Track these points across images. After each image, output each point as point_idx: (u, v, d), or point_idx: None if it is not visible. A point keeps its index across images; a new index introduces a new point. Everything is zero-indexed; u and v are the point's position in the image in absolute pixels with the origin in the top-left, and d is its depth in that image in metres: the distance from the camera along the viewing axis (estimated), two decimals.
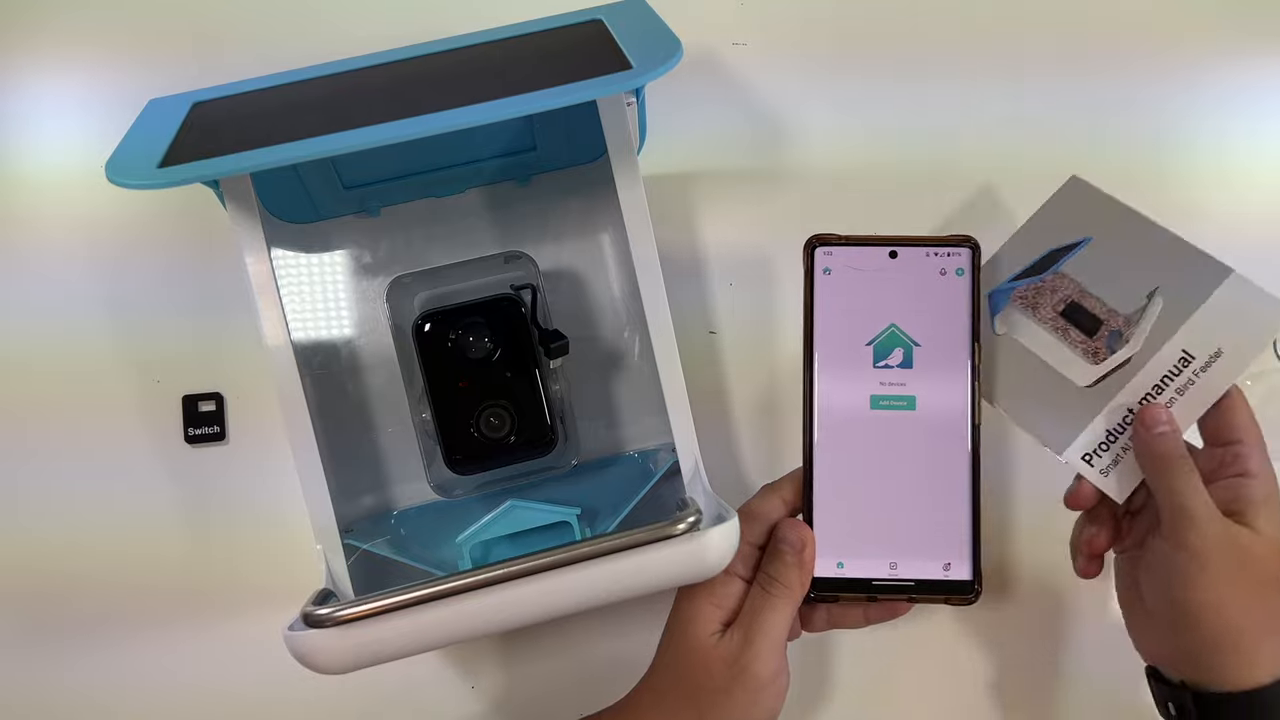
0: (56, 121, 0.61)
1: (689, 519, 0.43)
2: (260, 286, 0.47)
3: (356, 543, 0.50)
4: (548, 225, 0.58)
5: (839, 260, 0.50)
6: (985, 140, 0.61)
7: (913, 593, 0.49)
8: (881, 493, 0.50)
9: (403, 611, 0.42)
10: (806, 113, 0.61)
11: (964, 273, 0.50)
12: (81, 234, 0.60)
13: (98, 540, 0.58)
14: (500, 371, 0.53)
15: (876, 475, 0.50)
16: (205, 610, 0.58)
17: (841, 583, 0.49)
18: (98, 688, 0.58)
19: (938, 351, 0.50)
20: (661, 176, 0.60)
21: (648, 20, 0.49)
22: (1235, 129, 0.61)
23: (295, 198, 0.55)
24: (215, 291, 0.59)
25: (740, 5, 0.62)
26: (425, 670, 0.58)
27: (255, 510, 0.58)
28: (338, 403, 0.56)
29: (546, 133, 0.55)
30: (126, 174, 0.42)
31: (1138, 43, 0.62)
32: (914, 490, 0.49)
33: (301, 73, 0.52)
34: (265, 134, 0.44)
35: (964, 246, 0.50)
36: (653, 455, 0.56)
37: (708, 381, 0.60)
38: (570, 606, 0.44)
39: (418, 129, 0.41)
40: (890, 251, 0.50)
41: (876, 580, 0.49)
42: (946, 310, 0.50)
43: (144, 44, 0.61)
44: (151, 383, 0.59)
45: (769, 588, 0.47)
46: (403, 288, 0.55)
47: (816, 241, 0.50)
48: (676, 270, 0.60)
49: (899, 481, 0.50)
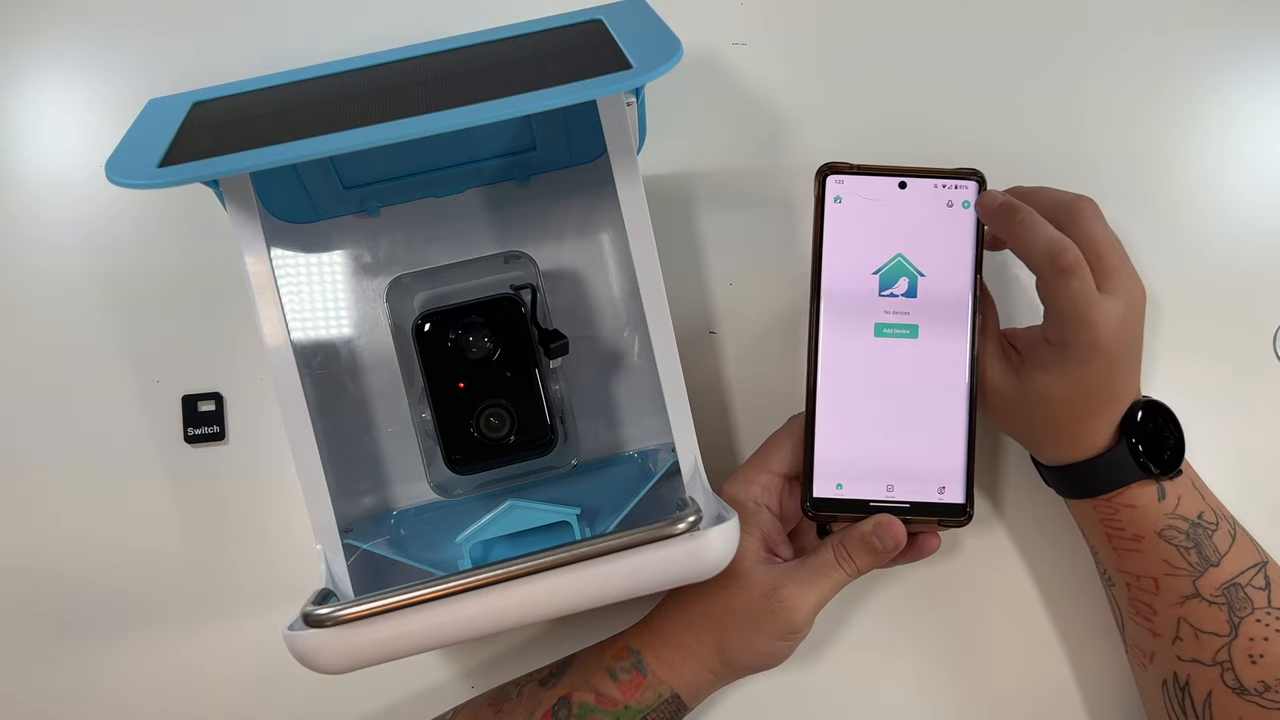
0: (56, 121, 0.61)
1: (689, 519, 0.43)
2: (260, 286, 0.47)
3: (356, 543, 0.50)
4: (548, 225, 0.58)
5: (849, 189, 0.52)
6: (986, 140, 0.61)
7: (908, 514, 0.51)
8: (882, 417, 0.51)
9: (403, 611, 0.42)
10: (806, 112, 0.61)
11: (970, 205, 0.51)
12: (81, 234, 0.60)
13: (98, 540, 0.58)
14: (500, 371, 0.53)
15: (878, 400, 0.51)
16: (205, 610, 0.58)
17: (840, 503, 0.51)
18: (98, 688, 0.58)
19: (941, 282, 0.51)
20: (661, 176, 0.60)
21: (648, 20, 0.49)
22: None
23: (295, 198, 0.55)
24: (215, 292, 0.59)
25: (740, 5, 0.62)
26: (425, 670, 0.58)
27: (255, 510, 0.58)
28: (338, 403, 0.56)
29: (546, 133, 0.55)
30: (126, 174, 0.42)
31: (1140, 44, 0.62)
32: (913, 416, 0.51)
33: (301, 73, 0.52)
34: (265, 134, 0.44)
35: (971, 179, 0.52)
36: (653, 455, 0.56)
37: (708, 381, 0.60)
38: (570, 606, 0.44)
39: (418, 129, 0.41)
40: (900, 182, 0.52)
41: (874, 501, 0.51)
42: (951, 241, 0.51)
43: (144, 44, 0.61)
44: (151, 383, 0.59)
45: (841, 559, 0.50)
46: (402, 288, 0.55)
47: (828, 170, 0.52)
48: (676, 270, 0.60)
49: (899, 407, 0.51)
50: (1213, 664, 0.49)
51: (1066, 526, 0.57)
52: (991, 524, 0.59)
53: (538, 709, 0.50)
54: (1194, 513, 0.50)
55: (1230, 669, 0.48)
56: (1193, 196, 0.61)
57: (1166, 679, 0.50)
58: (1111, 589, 0.53)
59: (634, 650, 0.51)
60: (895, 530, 0.49)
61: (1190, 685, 0.49)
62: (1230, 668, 0.48)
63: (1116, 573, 0.52)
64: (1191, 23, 0.62)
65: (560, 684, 0.51)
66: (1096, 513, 0.51)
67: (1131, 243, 0.49)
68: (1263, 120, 0.61)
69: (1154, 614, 0.50)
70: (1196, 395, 0.58)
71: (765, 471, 0.52)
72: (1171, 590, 0.49)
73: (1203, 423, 0.58)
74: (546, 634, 0.58)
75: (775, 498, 0.52)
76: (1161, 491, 0.50)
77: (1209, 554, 0.49)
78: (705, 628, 0.50)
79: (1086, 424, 0.50)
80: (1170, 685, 0.50)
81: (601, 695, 0.50)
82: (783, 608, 0.48)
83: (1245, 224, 0.60)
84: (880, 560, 0.50)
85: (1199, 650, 0.49)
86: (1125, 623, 0.53)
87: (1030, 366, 0.50)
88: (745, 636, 0.49)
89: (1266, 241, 0.60)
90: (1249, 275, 0.60)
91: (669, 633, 0.51)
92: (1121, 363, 0.49)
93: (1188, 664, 0.49)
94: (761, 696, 0.58)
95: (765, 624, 0.49)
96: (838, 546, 0.50)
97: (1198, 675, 0.49)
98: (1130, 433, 0.49)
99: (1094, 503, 0.51)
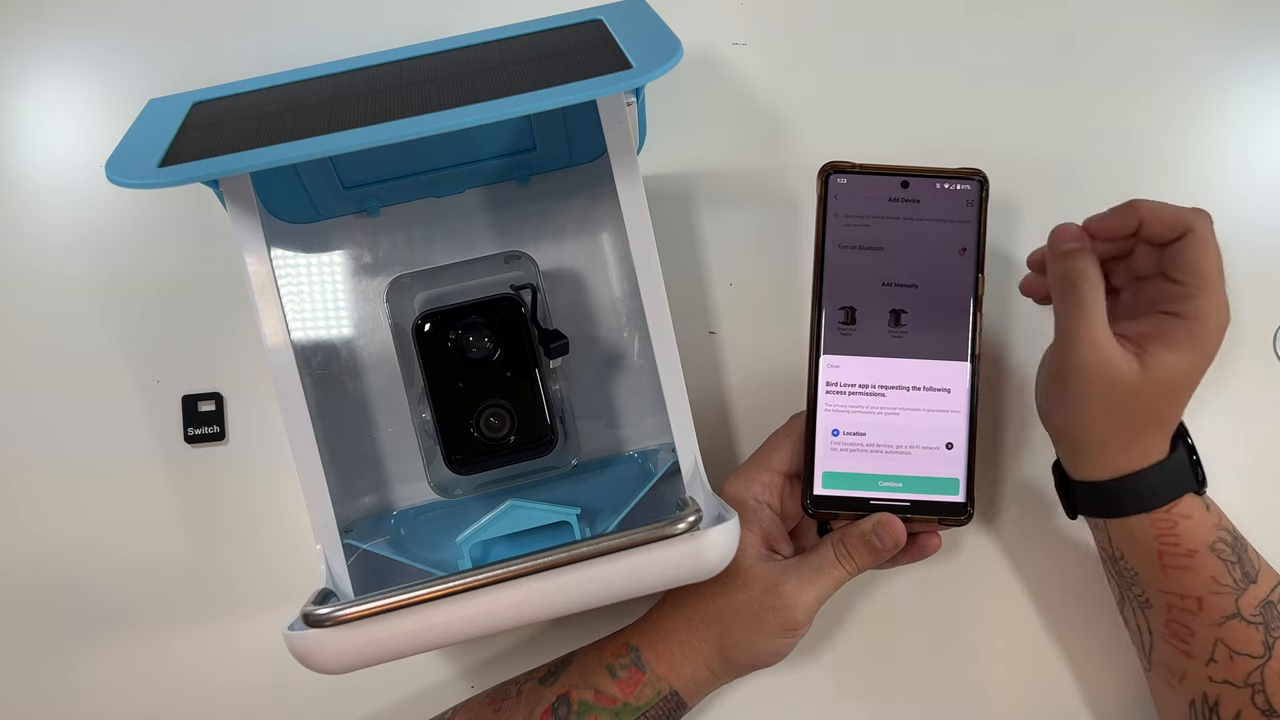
0: (56, 121, 0.61)
1: (689, 519, 0.43)
2: (260, 286, 0.47)
3: (356, 543, 0.50)
4: (548, 225, 0.58)
5: (851, 188, 0.52)
6: (986, 140, 0.61)
7: (908, 513, 0.51)
8: (883, 417, 0.51)
9: (403, 611, 0.42)
10: (806, 112, 0.61)
11: (972, 205, 0.51)
12: (81, 234, 0.60)
13: (98, 540, 0.58)
14: (500, 371, 0.53)
15: (879, 399, 0.51)
16: (205, 610, 0.58)
17: (840, 501, 0.51)
18: (98, 688, 0.58)
19: (943, 281, 0.52)
20: (661, 176, 0.60)
21: (648, 20, 0.49)
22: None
23: (295, 198, 0.55)
24: (215, 291, 0.59)
25: (740, 5, 0.62)
26: (425, 670, 0.58)
27: (255, 510, 0.58)
28: (338, 403, 0.56)
29: (546, 133, 0.55)
30: (126, 174, 0.42)
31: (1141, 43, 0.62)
32: (914, 415, 0.51)
33: (301, 73, 0.52)
34: (265, 134, 0.44)
35: (973, 179, 0.52)
36: (653, 455, 0.56)
37: (708, 381, 0.60)
38: (570, 606, 0.44)
39: (417, 129, 0.41)
40: (902, 181, 0.52)
41: (874, 500, 0.51)
42: (954, 240, 0.52)
43: (144, 44, 0.61)
44: (151, 383, 0.59)
45: (841, 557, 0.50)
46: (403, 288, 0.55)
47: (831, 169, 0.52)
48: (676, 270, 0.60)
49: (900, 406, 0.51)
50: (1244, 685, 0.48)
51: (1066, 526, 0.57)
52: (991, 524, 0.59)
53: (537, 707, 0.50)
54: (1231, 524, 0.50)
55: (1261, 691, 0.47)
56: (1193, 196, 0.60)
57: (1195, 699, 0.49)
58: (1146, 610, 0.51)
59: (633, 647, 0.51)
60: (895, 529, 0.49)
61: (1219, 706, 0.48)
62: (1262, 689, 0.47)
63: (1159, 594, 0.50)
64: (1192, 22, 0.62)
65: (559, 682, 0.51)
66: (1153, 528, 0.49)
67: None
68: (1263, 120, 0.61)
69: (1191, 635, 0.49)
70: (1196, 395, 0.58)
71: (766, 469, 0.52)
72: (1213, 610, 0.48)
73: (1203, 423, 0.58)
74: (546, 634, 0.58)
75: (776, 496, 0.52)
76: (1206, 501, 0.49)
77: (1249, 569, 0.49)
78: (705, 624, 0.50)
79: (1166, 423, 0.48)
80: (1199, 705, 0.49)
81: (600, 693, 0.50)
82: (782, 605, 0.48)
83: (1245, 224, 0.60)
84: (880, 559, 0.50)
85: (1232, 672, 0.48)
86: (1155, 643, 0.51)
87: (1155, 348, 0.47)
88: (745, 633, 0.49)
89: (1266, 241, 0.60)
90: (1249, 275, 0.60)
91: (668, 629, 0.51)
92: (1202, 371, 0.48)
93: (1219, 685, 0.48)
94: (761, 695, 0.58)
95: (765, 621, 0.49)
96: (838, 544, 0.50)
97: (1228, 696, 0.48)
98: (1184, 436, 0.49)
99: (1151, 518, 0.48)
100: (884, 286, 0.51)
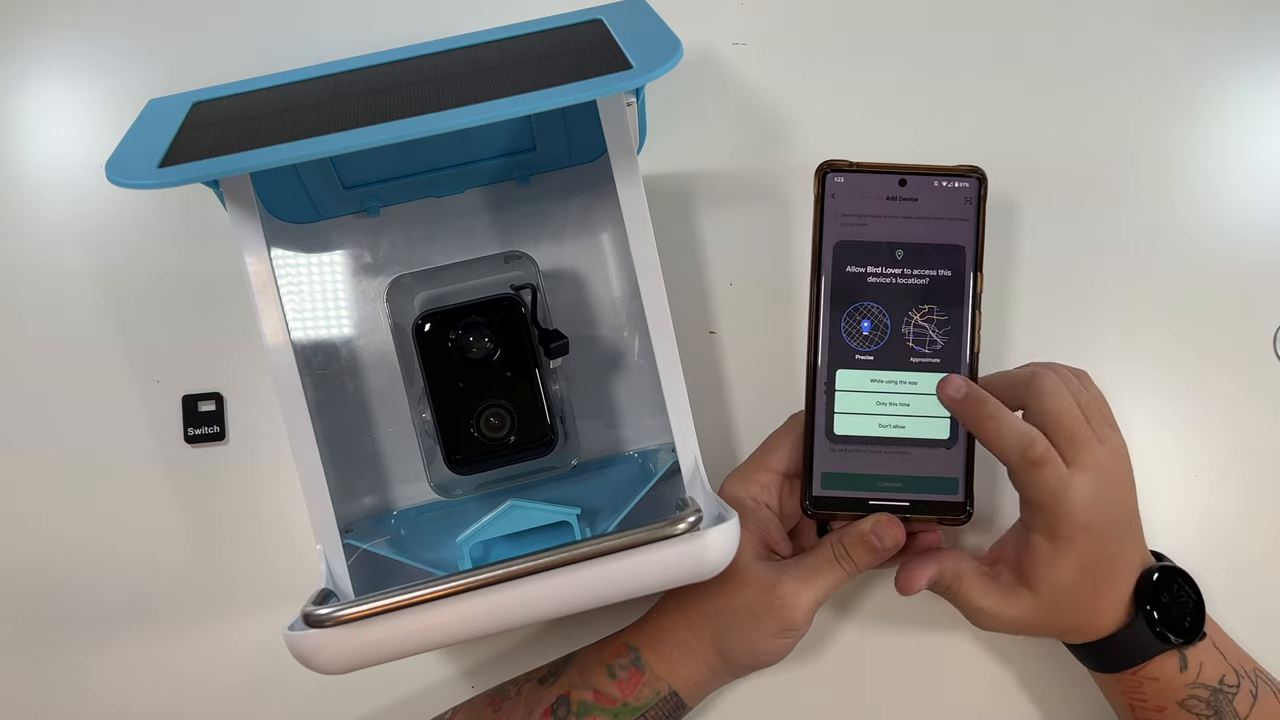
0: (56, 121, 0.61)
1: (689, 519, 0.43)
2: (260, 286, 0.47)
3: (356, 543, 0.50)
4: (548, 225, 0.58)
5: (849, 187, 0.51)
6: (986, 139, 0.61)
7: (907, 513, 0.51)
8: (881, 416, 0.51)
9: (403, 611, 0.42)
10: (806, 112, 0.61)
11: (970, 203, 0.51)
12: (81, 234, 0.60)
13: (98, 540, 0.58)
14: (500, 371, 0.53)
15: (877, 399, 0.51)
16: (205, 610, 0.58)
17: (839, 501, 0.51)
18: (98, 687, 0.58)
19: (942, 279, 0.51)
20: (661, 176, 0.60)
21: (648, 20, 0.49)
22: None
23: (295, 198, 0.55)
24: (215, 291, 0.59)
25: (740, 5, 0.62)
26: (425, 670, 0.58)
27: (255, 510, 0.58)
28: (338, 403, 0.56)
29: (546, 133, 0.55)
30: (126, 174, 0.42)
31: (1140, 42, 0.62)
32: (913, 414, 0.51)
33: (301, 73, 0.52)
34: (265, 134, 0.44)
35: (971, 177, 0.51)
36: (653, 455, 0.56)
37: (708, 381, 0.60)
38: (570, 606, 0.44)
39: (417, 129, 0.41)
40: (900, 180, 0.51)
41: (873, 500, 0.51)
42: (952, 238, 0.52)
43: (144, 44, 0.61)
44: (151, 383, 0.59)
45: (840, 557, 0.50)
46: (403, 288, 0.55)
47: (828, 168, 0.51)
48: (676, 270, 0.60)
49: (898, 405, 0.51)
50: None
51: None
52: (991, 523, 0.58)
53: (536, 707, 0.50)
54: (1215, 678, 0.49)
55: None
56: (1193, 195, 0.61)
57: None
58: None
59: (632, 647, 0.51)
60: (894, 529, 0.49)
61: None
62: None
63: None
64: (1192, 22, 0.62)
65: (559, 682, 0.51)
66: (1121, 684, 0.50)
67: (1132, 242, 0.49)
68: (1264, 120, 0.61)
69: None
70: (1196, 395, 0.58)
71: (765, 470, 0.52)
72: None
73: (1203, 423, 0.58)
74: (546, 634, 0.58)
75: (775, 496, 0.52)
76: (1184, 661, 0.49)
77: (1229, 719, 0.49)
78: (704, 624, 0.50)
79: (1099, 599, 0.49)
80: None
81: (600, 693, 0.50)
82: (781, 604, 0.48)
83: (1246, 223, 0.60)
84: (879, 559, 0.50)
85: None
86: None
87: (1029, 569, 0.49)
88: (744, 633, 0.49)
89: (1266, 241, 0.60)
90: (1249, 275, 0.60)
91: (667, 629, 0.51)
92: (1112, 533, 0.48)
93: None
94: (761, 695, 0.58)
95: (764, 621, 0.49)
96: (837, 544, 0.50)
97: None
98: (1143, 602, 0.48)
99: (1118, 676, 0.50)
100: (883, 285, 0.52)
